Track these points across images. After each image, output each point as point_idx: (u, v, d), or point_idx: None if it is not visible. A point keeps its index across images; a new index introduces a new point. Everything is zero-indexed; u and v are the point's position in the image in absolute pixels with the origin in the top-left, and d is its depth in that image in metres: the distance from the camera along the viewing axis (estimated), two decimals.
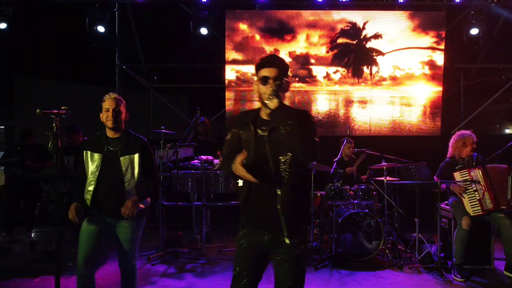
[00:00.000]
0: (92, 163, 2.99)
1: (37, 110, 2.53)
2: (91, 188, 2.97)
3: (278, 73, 2.25)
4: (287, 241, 2.22)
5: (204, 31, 7.39)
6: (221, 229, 6.57)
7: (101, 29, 7.40)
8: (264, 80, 2.25)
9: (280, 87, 2.21)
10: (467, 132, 4.80)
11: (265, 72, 2.26)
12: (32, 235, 6.14)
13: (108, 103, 3.02)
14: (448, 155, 4.88)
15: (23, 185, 6.04)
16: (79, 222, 2.95)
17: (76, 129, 5.69)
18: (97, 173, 2.96)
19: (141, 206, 3.02)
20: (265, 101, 2.19)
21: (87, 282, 2.97)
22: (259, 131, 2.28)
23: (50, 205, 7.69)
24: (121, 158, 2.99)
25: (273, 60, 2.30)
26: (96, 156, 3.00)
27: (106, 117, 3.01)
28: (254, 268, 2.33)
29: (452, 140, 4.86)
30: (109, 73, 8.32)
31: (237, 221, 6.40)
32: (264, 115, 2.31)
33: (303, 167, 2.29)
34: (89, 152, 3.02)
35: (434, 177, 4.81)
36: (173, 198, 5.55)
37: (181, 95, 14.11)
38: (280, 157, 2.20)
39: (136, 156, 3.03)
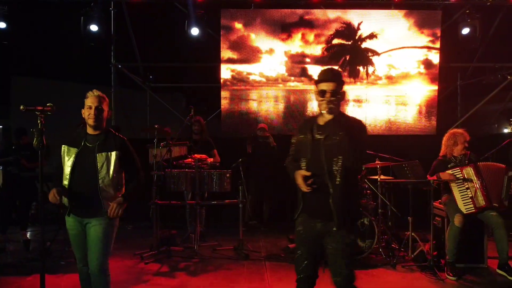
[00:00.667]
0: (69, 158, 3.00)
1: (21, 107, 2.53)
2: (66, 182, 2.98)
3: (335, 87, 2.58)
4: (335, 229, 2.56)
5: (199, 30, 7.37)
6: (216, 228, 6.58)
7: (96, 28, 7.37)
8: (322, 93, 2.59)
9: (336, 102, 2.58)
10: (459, 130, 4.81)
11: (323, 86, 2.60)
12: (28, 234, 6.14)
13: (90, 101, 3.03)
14: (441, 153, 4.89)
15: (19, 184, 6.05)
16: (60, 202, 2.95)
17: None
18: (70, 169, 2.97)
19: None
20: (322, 111, 2.59)
21: (86, 274, 3.13)
22: (316, 135, 2.64)
23: (46, 204, 7.67)
24: (97, 155, 2.99)
25: (331, 76, 2.62)
26: (73, 150, 3.01)
27: (88, 114, 3.02)
28: (312, 251, 2.68)
29: (444, 139, 4.88)
30: (106, 72, 8.32)
31: (231, 219, 6.47)
32: (321, 121, 2.68)
33: (352, 170, 2.59)
34: (66, 147, 3.04)
35: (427, 175, 4.82)
36: (167, 196, 5.54)
37: (178, 94, 14.09)
38: (333, 159, 2.55)
39: (114, 154, 3.03)
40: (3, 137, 13.41)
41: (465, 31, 7.34)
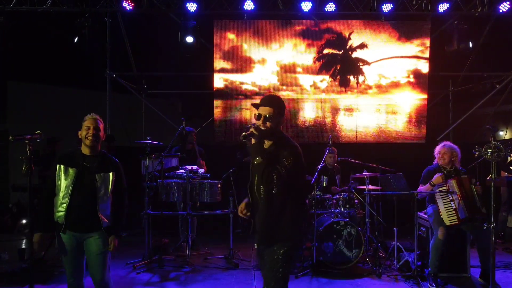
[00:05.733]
0: (66, 178, 3.10)
1: (10, 137, 2.65)
2: (65, 201, 3.09)
3: (266, 111, 2.67)
4: (256, 245, 2.83)
5: (192, 40, 7.48)
6: (208, 235, 6.70)
7: (93, 38, 7.47)
8: (257, 116, 2.71)
9: (260, 129, 2.64)
10: (455, 148, 4.90)
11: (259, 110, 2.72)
12: (23, 242, 6.20)
13: (89, 122, 3.19)
14: (434, 162, 4.98)
15: None
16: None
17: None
18: (70, 188, 3.08)
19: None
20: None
21: None
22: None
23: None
24: (96, 175, 3.14)
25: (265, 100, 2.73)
26: (71, 170, 3.11)
27: (86, 134, 3.16)
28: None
29: (442, 150, 4.91)
30: (102, 77, 8.42)
31: (224, 226, 6.65)
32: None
33: (273, 193, 2.64)
34: (62, 166, 3.13)
35: (420, 184, 4.90)
36: (160, 206, 5.64)
37: (174, 98, 14.16)
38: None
39: (111, 175, 3.21)
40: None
41: (463, 45, 7.44)
